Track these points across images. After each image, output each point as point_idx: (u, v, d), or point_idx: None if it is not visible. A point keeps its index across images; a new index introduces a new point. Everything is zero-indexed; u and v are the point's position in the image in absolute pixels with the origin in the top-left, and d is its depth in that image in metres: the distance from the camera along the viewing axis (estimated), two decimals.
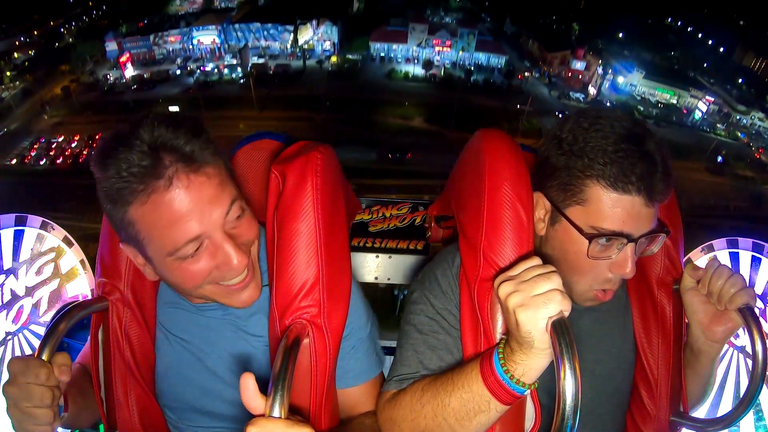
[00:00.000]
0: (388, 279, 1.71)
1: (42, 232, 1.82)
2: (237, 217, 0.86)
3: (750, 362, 1.11)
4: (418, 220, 1.68)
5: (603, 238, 0.88)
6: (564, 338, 0.71)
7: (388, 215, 1.69)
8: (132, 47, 40.33)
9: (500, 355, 0.79)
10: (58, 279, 1.86)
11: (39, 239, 1.81)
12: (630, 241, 0.88)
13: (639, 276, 1.08)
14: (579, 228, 0.90)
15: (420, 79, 40.92)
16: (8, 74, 37.80)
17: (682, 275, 1.05)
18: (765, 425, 1.70)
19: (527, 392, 0.79)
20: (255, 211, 0.93)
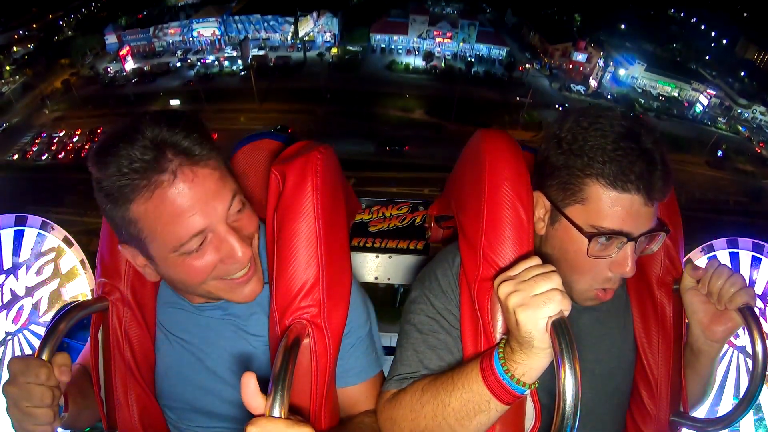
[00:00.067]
0: (388, 279, 1.71)
1: (42, 232, 1.82)
2: (238, 211, 0.86)
3: (750, 362, 1.11)
4: (418, 220, 1.69)
5: (603, 237, 0.88)
6: (564, 338, 0.71)
7: (388, 215, 1.69)
8: (132, 40, 39.88)
9: (500, 355, 0.79)
10: (58, 279, 1.86)
11: (39, 239, 1.81)
12: (630, 240, 0.88)
13: (639, 276, 1.08)
14: (579, 227, 0.90)
15: (421, 71, 40.30)
16: (8, 68, 37.29)
17: (682, 275, 1.04)
18: (765, 425, 1.70)
19: (527, 392, 0.79)
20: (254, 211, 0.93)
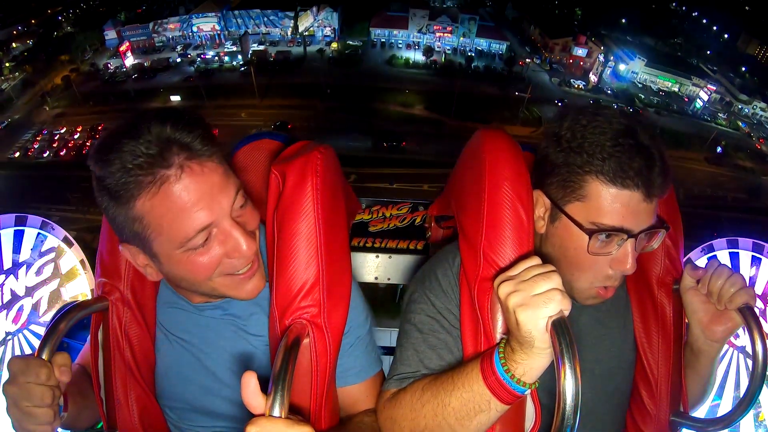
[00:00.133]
0: (388, 279, 1.71)
1: (42, 232, 1.82)
2: (241, 206, 0.86)
3: (750, 362, 1.11)
4: (418, 220, 1.69)
5: (603, 234, 0.88)
6: (564, 338, 0.71)
7: (388, 215, 1.69)
8: (131, 35, 39.58)
9: (501, 355, 0.79)
10: (58, 279, 1.86)
11: (39, 239, 1.81)
12: (630, 237, 0.88)
13: (639, 276, 1.08)
14: (579, 224, 0.90)
15: (421, 66, 40.03)
16: (7, 65, 36.93)
17: (682, 275, 1.05)
18: (765, 425, 1.70)
19: (527, 392, 0.79)
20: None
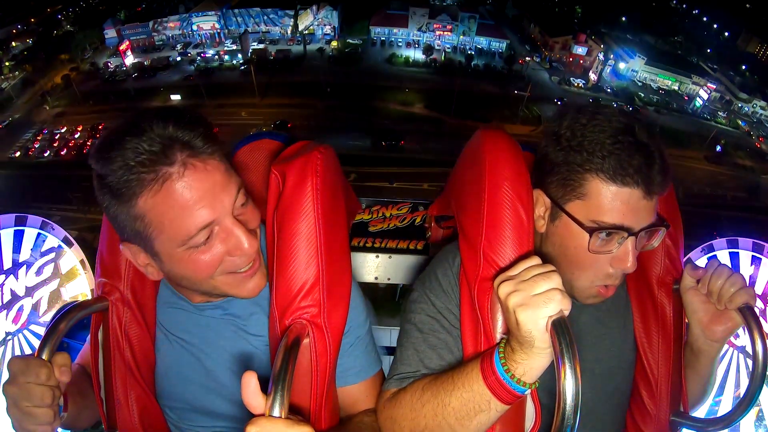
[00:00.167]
0: (388, 279, 1.71)
1: (42, 232, 1.82)
2: (242, 204, 0.86)
3: (750, 362, 1.11)
4: (418, 220, 1.69)
5: (603, 232, 0.88)
6: (564, 338, 0.71)
7: (388, 215, 1.69)
8: (131, 34, 39.44)
9: (501, 355, 0.79)
10: (58, 279, 1.85)
11: (39, 239, 1.81)
12: (630, 235, 0.88)
13: (639, 275, 1.08)
14: (579, 222, 0.90)
15: (420, 64, 39.89)
16: (7, 64, 36.72)
17: (682, 275, 1.05)
18: (765, 425, 1.70)
19: (528, 392, 0.79)
20: None
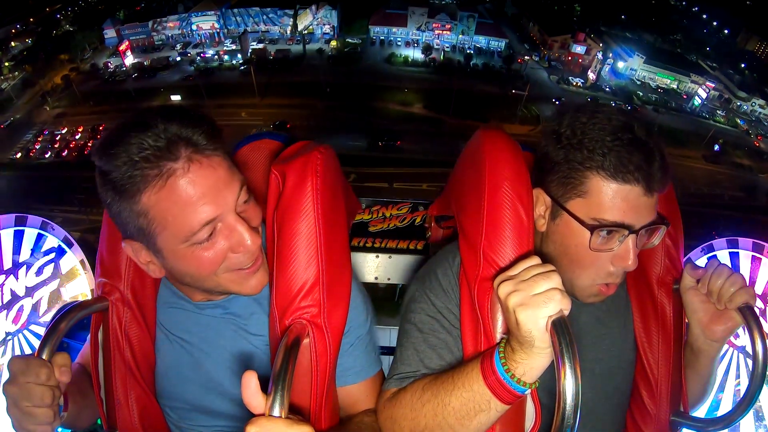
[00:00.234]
0: (388, 279, 1.71)
1: (42, 232, 1.82)
2: (245, 201, 0.86)
3: (750, 362, 1.12)
4: (418, 220, 1.69)
5: (604, 230, 0.88)
6: (564, 337, 0.71)
7: (388, 215, 1.69)
8: (130, 34, 39.47)
9: (501, 355, 0.79)
10: (58, 279, 1.85)
11: (39, 239, 1.81)
12: (631, 233, 0.89)
13: (639, 275, 1.08)
14: (580, 220, 0.90)
15: (420, 64, 40.02)
16: (7, 64, 36.68)
17: (682, 275, 1.05)
18: (765, 425, 1.69)
19: (528, 392, 0.79)
20: None
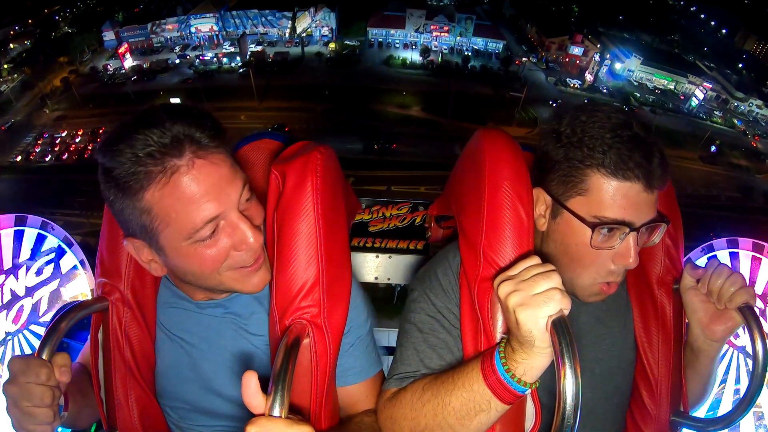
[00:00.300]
0: (388, 279, 1.71)
1: (42, 232, 1.82)
2: (247, 200, 0.86)
3: (750, 362, 1.12)
4: (418, 220, 1.69)
5: (605, 228, 0.88)
6: (564, 337, 0.71)
7: (388, 215, 1.69)
8: (129, 36, 39.53)
9: (501, 355, 0.79)
10: (58, 279, 1.85)
11: (39, 239, 1.81)
12: (632, 230, 0.89)
13: (639, 275, 1.09)
14: (581, 218, 0.90)
15: (418, 66, 40.18)
16: (5, 67, 36.66)
17: (682, 274, 1.05)
18: (765, 425, 1.69)
19: (528, 391, 0.79)
20: None
